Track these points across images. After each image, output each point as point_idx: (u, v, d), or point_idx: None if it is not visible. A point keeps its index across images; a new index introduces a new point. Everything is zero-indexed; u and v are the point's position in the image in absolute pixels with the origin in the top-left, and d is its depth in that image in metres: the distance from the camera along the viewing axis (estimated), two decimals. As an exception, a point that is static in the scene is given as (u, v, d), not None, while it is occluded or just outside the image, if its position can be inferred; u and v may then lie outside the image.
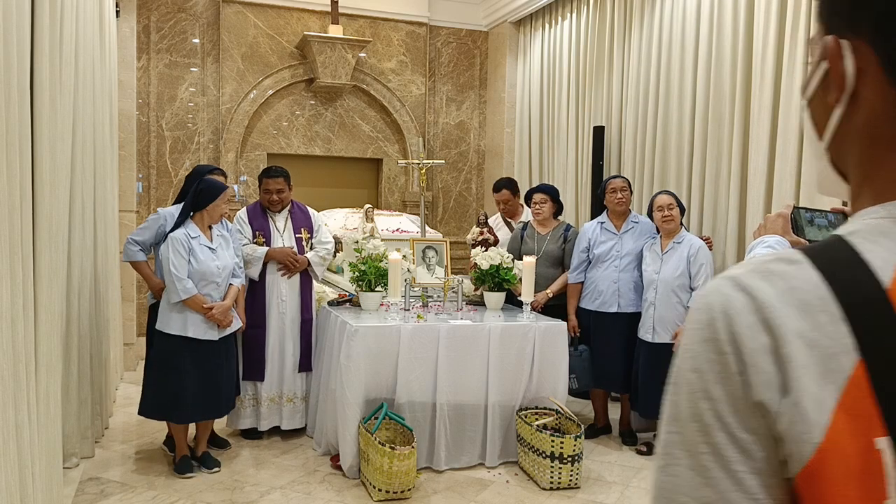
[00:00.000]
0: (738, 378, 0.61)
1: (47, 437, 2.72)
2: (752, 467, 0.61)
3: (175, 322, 3.74)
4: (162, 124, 6.44)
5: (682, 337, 0.67)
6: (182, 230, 3.74)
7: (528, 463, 3.90)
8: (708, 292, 0.65)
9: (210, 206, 3.80)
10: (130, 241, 4.00)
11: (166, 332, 3.74)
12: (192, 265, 3.72)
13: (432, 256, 4.80)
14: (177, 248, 3.67)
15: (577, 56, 6.21)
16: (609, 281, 4.49)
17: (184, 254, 3.69)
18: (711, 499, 0.62)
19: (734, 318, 0.61)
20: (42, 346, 2.65)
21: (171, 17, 6.43)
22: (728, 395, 0.61)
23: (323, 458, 4.13)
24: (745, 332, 0.60)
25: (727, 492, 0.61)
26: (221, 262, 3.85)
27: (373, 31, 7.04)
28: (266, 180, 4.51)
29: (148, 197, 6.39)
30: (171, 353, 3.74)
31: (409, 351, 3.88)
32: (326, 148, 7.02)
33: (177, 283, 3.66)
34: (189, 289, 3.69)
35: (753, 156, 4.28)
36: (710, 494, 0.62)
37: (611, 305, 4.50)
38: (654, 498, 0.69)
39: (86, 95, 3.84)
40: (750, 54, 4.38)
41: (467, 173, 7.59)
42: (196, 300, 3.72)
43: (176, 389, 3.73)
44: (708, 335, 0.63)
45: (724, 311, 0.62)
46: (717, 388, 0.62)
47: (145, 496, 3.55)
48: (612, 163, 5.74)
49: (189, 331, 3.74)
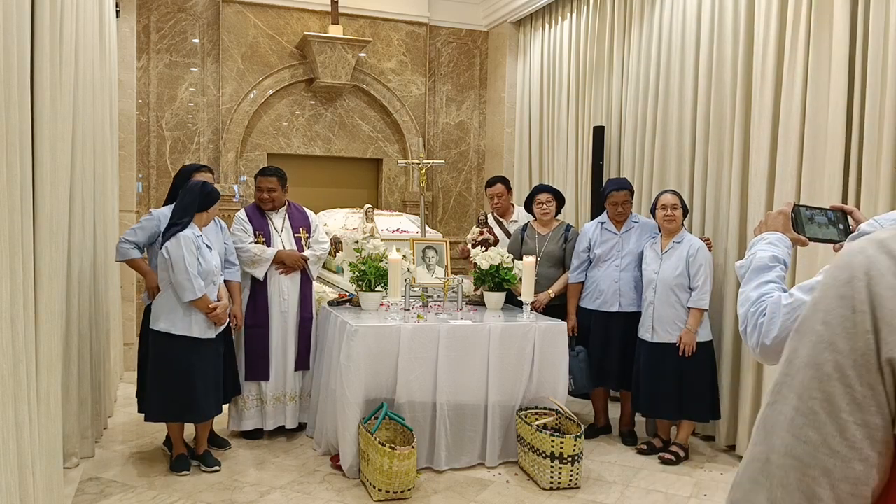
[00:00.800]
0: (869, 336, 0.64)
1: (47, 437, 2.72)
2: (861, 420, 0.64)
3: (181, 322, 3.74)
4: (162, 124, 6.44)
5: (817, 291, 0.70)
6: (190, 230, 3.75)
7: (528, 463, 3.90)
8: (851, 252, 0.68)
9: (212, 209, 3.87)
10: (124, 240, 4.00)
11: (172, 332, 3.73)
12: (200, 265, 3.75)
13: (432, 256, 4.80)
14: (189, 247, 3.69)
15: (577, 56, 6.21)
16: (610, 280, 4.50)
17: (195, 253, 3.72)
18: (813, 440, 0.65)
19: (876, 279, 0.65)
20: (42, 346, 2.65)
21: (171, 17, 6.43)
22: (853, 351, 0.64)
23: (323, 458, 4.13)
24: (885, 293, 0.64)
25: (830, 437, 0.64)
26: (216, 262, 3.90)
27: (373, 31, 7.04)
28: (259, 178, 4.56)
29: (148, 197, 6.38)
30: (177, 353, 3.74)
31: (409, 351, 3.88)
32: (326, 148, 7.02)
33: (193, 282, 3.69)
34: (202, 287, 3.73)
35: (754, 156, 4.27)
36: (812, 436, 0.65)
37: (612, 305, 4.50)
38: (756, 428, 0.73)
39: (86, 95, 3.83)
40: (750, 54, 4.37)
41: (467, 173, 7.59)
42: (204, 300, 3.76)
43: (190, 390, 3.74)
44: (845, 292, 0.66)
45: (867, 272, 0.65)
46: (844, 342, 0.65)
47: (145, 496, 3.55)
48: (612, 163, 5.74)
49: (194, 331, 3.76)
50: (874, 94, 3.58)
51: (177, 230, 3.72)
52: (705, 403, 4.21)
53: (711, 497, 3.75)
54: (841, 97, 3.75)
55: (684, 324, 4.17)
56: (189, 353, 3.74)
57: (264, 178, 4.53)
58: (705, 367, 4.20)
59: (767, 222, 1.56)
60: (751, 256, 1.48)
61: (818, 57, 3.89)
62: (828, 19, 3.84)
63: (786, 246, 1.49)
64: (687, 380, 4.16)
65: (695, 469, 4.15)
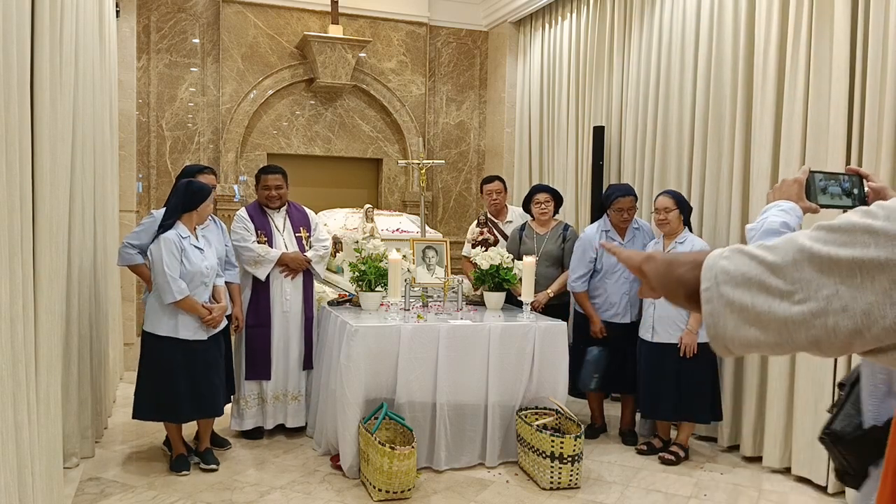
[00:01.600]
0: None
1: (47, 437, 2.72)
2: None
3: (165, 324, 3.74)
4: (162, 124, 6.44)
5: None
6: (174, 231, 3.73)
7: (528, 463, 3.90)
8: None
9: (201, 207, 3.82)
10: (127, 244, 3.97)
11: (157, 333, 3.75)
12: (185, 266, 3.72)
13: (432, 256, 4.80)
14: (170, 248, 3.67)
15: (577, 56, 6.21)
16: (621, 293, 4.48)
17: (176, 254, 3.69)
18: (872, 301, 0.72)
19: None
20: (42, 347, 2.65)
21: (171, 17, 6.43)
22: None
23: (323, 458, 4.13)
24: None
25: None
26: (209, 262, 3.85)
27: (373, 31, 7.04)
28: (265, 177, 4.54)
29: (148, 197, 6.38)
30: (162, 354, 3.74)
31: (409, 351, 3.88)
32: (326, 148, 7.02)
33: (171, 284, 3.66)
34: (183, 289, 3.69)
35: (756, 156, 4.27)
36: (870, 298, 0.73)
37: (624, 316, 4.49)
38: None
39: (86, 95, 3.83)
40: (751, 54, 4.37)
41: (467, 173, 7.59)
42: (188, 302, 3.71)
43: (169, 390, 3.73)
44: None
45: None
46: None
47: (145, 496, 3.55)
48: (612, 163, 5.74)
49: (180, 332, 3.74)
50: (874, 94, 3.58)
51: (161, 232, 3.73)
52: (706, 404, 4.20)
53: (711, 497, 3.75)
54: (842, 97, 3.75)
55: (685, 324, 4.17)
56: (173, 354, 3.73)
57: (270, 176, 4.53)
58: (706, 368, 4.20)
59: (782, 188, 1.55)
60: (762, 220, 1.48)
61: (819, 57, 3.89)
62: (828, 19, 3.84)
63: (797, 215, 1.49)
64: (687, 381, 4.16)
65: (695, 469, 4.15)
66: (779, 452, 4.11)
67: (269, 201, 4.52)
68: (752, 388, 4.29)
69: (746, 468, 4.20)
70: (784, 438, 4.10)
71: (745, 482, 3.98)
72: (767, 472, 4.15)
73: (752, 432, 4.30)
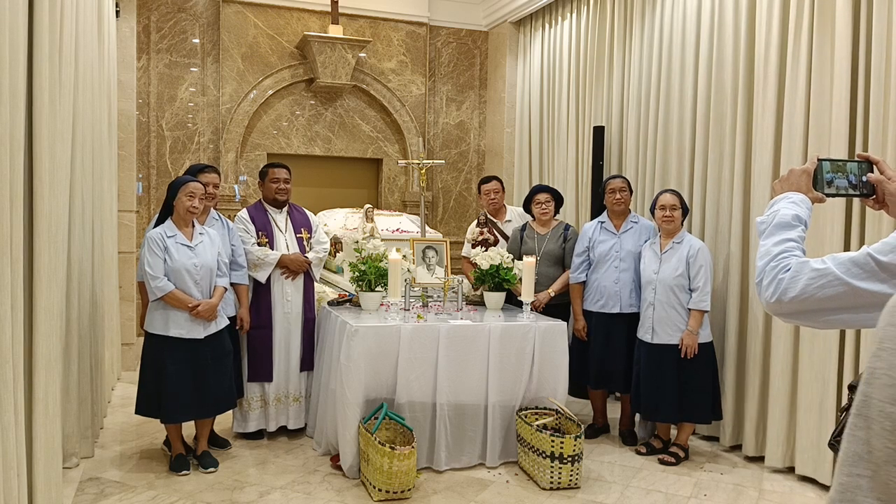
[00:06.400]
0: None
1: (47, 437, 2.71)
2: None
3: (158, 322, 3.76)
4: (162, 124, 6.43)
5: (876, 360, 0.53)
6: (159, 229, 3.78)
7: (528, 463, 3.90)
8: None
9: (175, 203, 3.80)
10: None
11: (151, 331, 3.79)
12: (167, 263, 3.74)
13: (432, 256, 4.80)
14: (151, 246, 3.72)
15: (577, 56, 6.20)
16: (610, 281, 4.49)
17: (158, 252, 3.71)
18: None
19: None
20: (42, 347, 2.65)
21: (171, 17, 6.43)
22: None
23: (323, 458, 4.13)
24: None
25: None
26: (200, 261, 3.81)
27: (373, 31, 7.04)
28: (273, 170, 4.56)
29: (148, 197, 6.38)
30: (156, 352, 3.77)
31: (409, 351, 3.87)
32: (326, 148, 7.02)
33: (151, 282, 3.69)
34: (163, 286, 3.69)
35: (757, 156, 4.26)
36: None
37: (613, 306, 4.49)
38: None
39: (85, 95, 3.83)
40: (752, 54, 4.37)
41: (467, 173, 7.58)
42: (174, 296, 3.70)
43: (162, 389, 3.74)
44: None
45: None
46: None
47: (145, 496, 3.55)
48: (612, 163, 5.73)
49: (171, 330, 3.74)
50: (878, 94, 3.58)
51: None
52: (706, 404, 4.20)
53: (711, 497, 3.74)
54: (844, 97, 3.74)
55: (684, 325, 4.16)
56: (163, 352, 3.74)
57: (278, 170, 4.55)
58: (706, 368, 4.19)
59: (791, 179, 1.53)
60: (773, 213, 1.47)
61: (820, 56, 3.89)
62: (829, 18, 3.84)
63: (807, 207, 1.48)
64: (687, 381, 4.15)
65: (695, 469, 4.14)
66: (781, 452, 4.10)
67: (278, 194, 4.52)
68: (755, 387, 4.28)
69: (747, 468, 4.20)
70: (787, 437, 4.10)
71: (745, 482, 3.97)
72: (769, 471, 4.14)
73: (754, 431, 4.29)
